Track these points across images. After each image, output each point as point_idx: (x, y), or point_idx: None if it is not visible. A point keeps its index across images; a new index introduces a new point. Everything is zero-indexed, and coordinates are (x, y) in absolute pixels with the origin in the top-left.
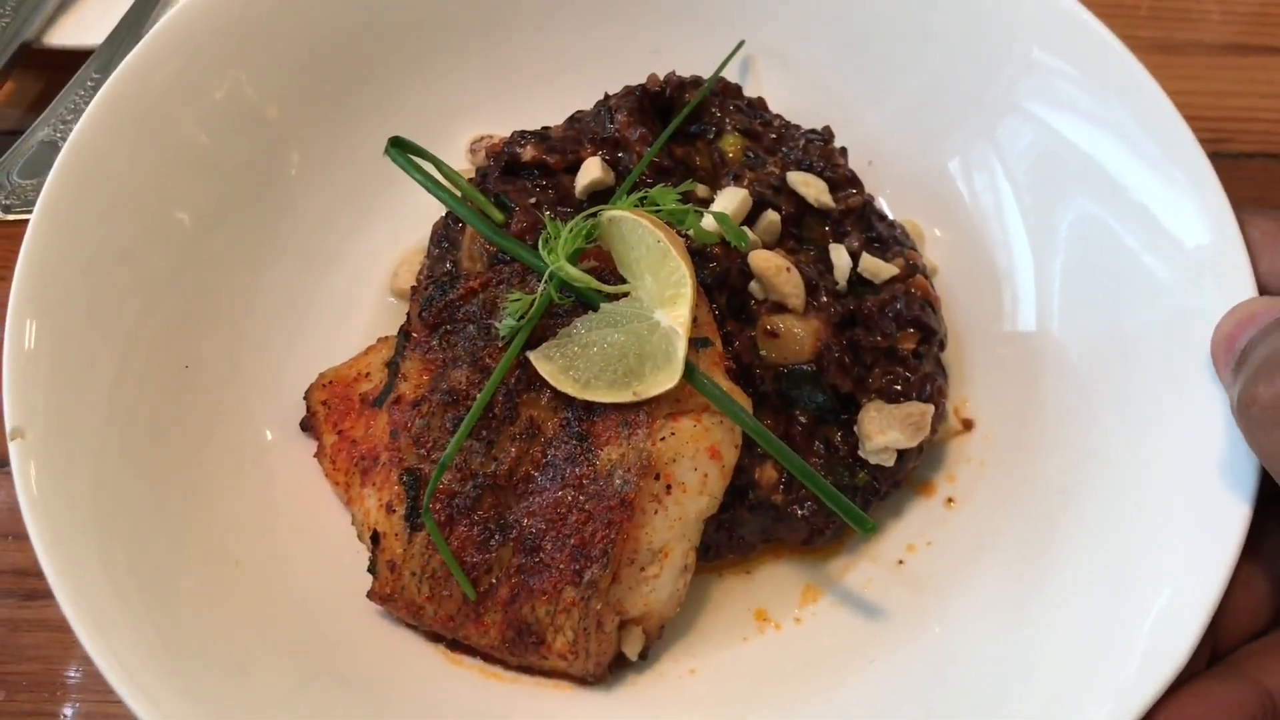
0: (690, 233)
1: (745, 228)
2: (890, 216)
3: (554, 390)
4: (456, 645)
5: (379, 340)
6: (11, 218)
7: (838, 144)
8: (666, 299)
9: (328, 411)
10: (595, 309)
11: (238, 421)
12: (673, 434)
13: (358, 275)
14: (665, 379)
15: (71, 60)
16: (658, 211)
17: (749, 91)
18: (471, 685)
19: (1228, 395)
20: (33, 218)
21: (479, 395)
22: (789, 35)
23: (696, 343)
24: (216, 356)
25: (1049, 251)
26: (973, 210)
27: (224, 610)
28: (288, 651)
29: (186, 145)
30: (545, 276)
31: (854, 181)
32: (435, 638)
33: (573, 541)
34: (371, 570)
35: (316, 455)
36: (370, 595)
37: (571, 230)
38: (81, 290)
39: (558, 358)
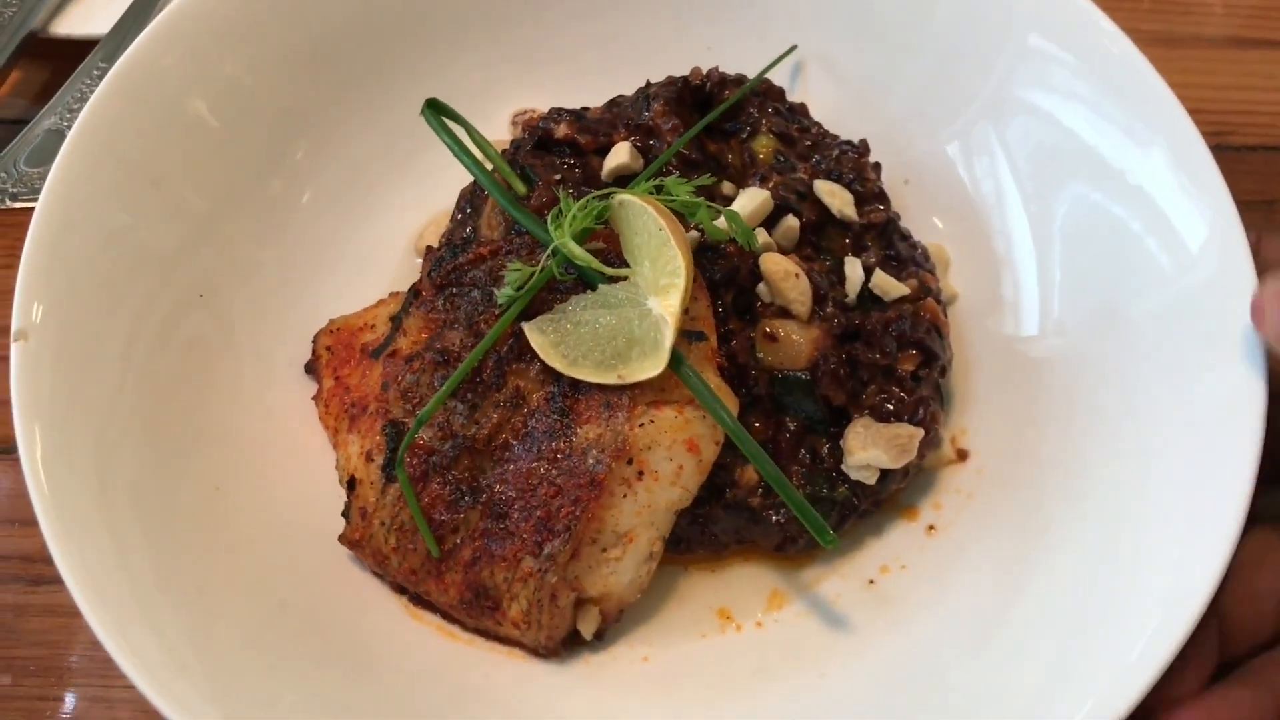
0: (701, 227)
1: (763, 229)
2: (914, 237)
3: (543, 363)
4: (419, 600)
5: (391, 295)
6: (19, 205)
7: (874, 159)
8: (661, 287)
9: (330, 357)
10: (594, 289)
11: (248, 356)
12: (652, 421)
13: (387, 230)
14: (650, 366)
15: (78, 49)
16: (671, 202)
17: (796, 96)
18: (428, 641)
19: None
20: (41, 198)
21: (472, 356)
22: (844, 45)
23: (690, 335)
24: (234, 293)
25: (1049, 239)
26: (974, 197)
27: (200, 536)
28: (256, 585)
29: (205, 106)
30: (548, 251)
31: (881, 197)
32: (400, 589)
33: (539, 513)
34: (345, 515)
35: (314, 398)
36: (341, 539)
37: (582, 209)
38: (96, 241)
39: (550, 332)
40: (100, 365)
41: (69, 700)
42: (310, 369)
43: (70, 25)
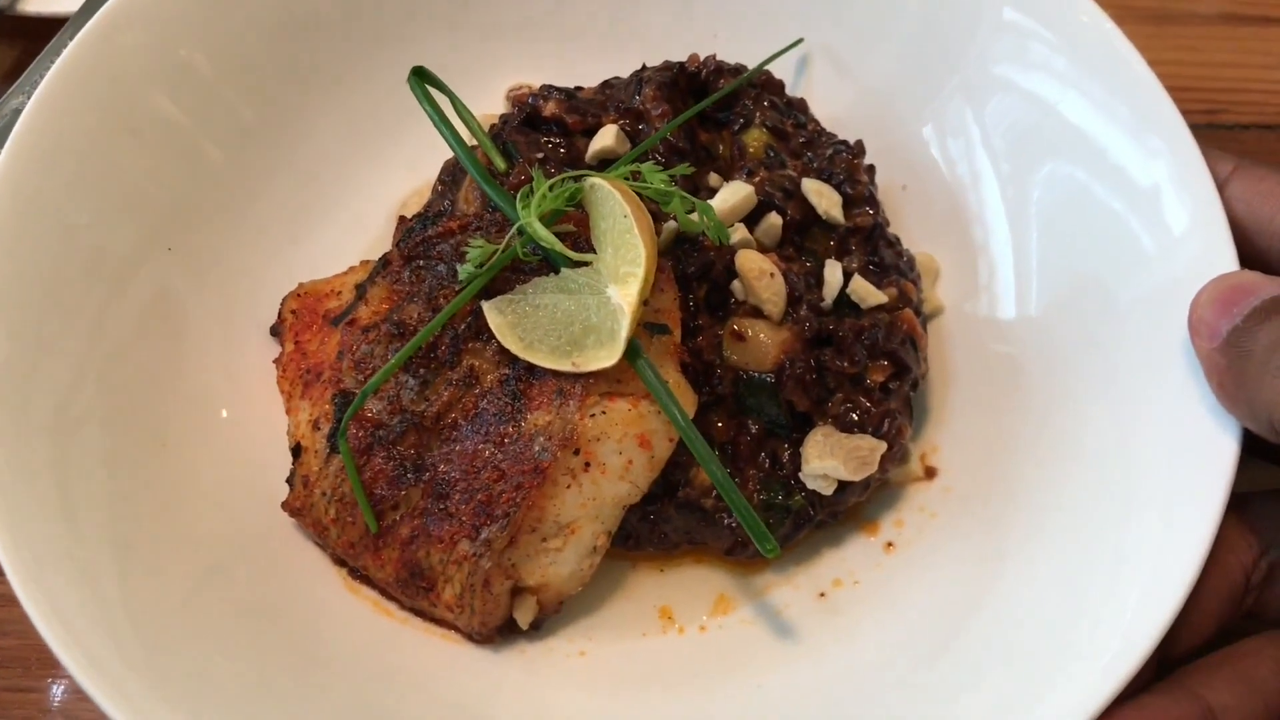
0: (675, 217)
1: (743, 225)
2: (901, 245)
3: (500, 344)
4: (357, 574)
5: (361, 263)
6: None
7: (871, 161)
8: (621, 276)
9: (294, 321)
10: (559, 272)
11: (215, 313)
12: (603, 413)
13: (371, 198)
14: (605, 356)
15: (46, 28)
16: (645, 189)
17: (800, 91)
18: (362, 616)
19: (1208, 357)
20: (21, 117)
21: (423, 332)
22: (855, 42)
23: (652, 328)
24: (206, 248)
25: (1025, 223)
26: (949, 179)
27: (142, 491)
28: (194, 546)
29: (198, 55)
30: (513, 230)
31: (871, 201)
32: (340, 562)
33: (480, 497)
34: (290, 482)
35: (275, 360)
36: (284, 506)
37: (551, 189)
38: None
39: (509, 313)
40: (59, 310)
41: (44, 691)
42: (275, 332)
43: (39, 3)
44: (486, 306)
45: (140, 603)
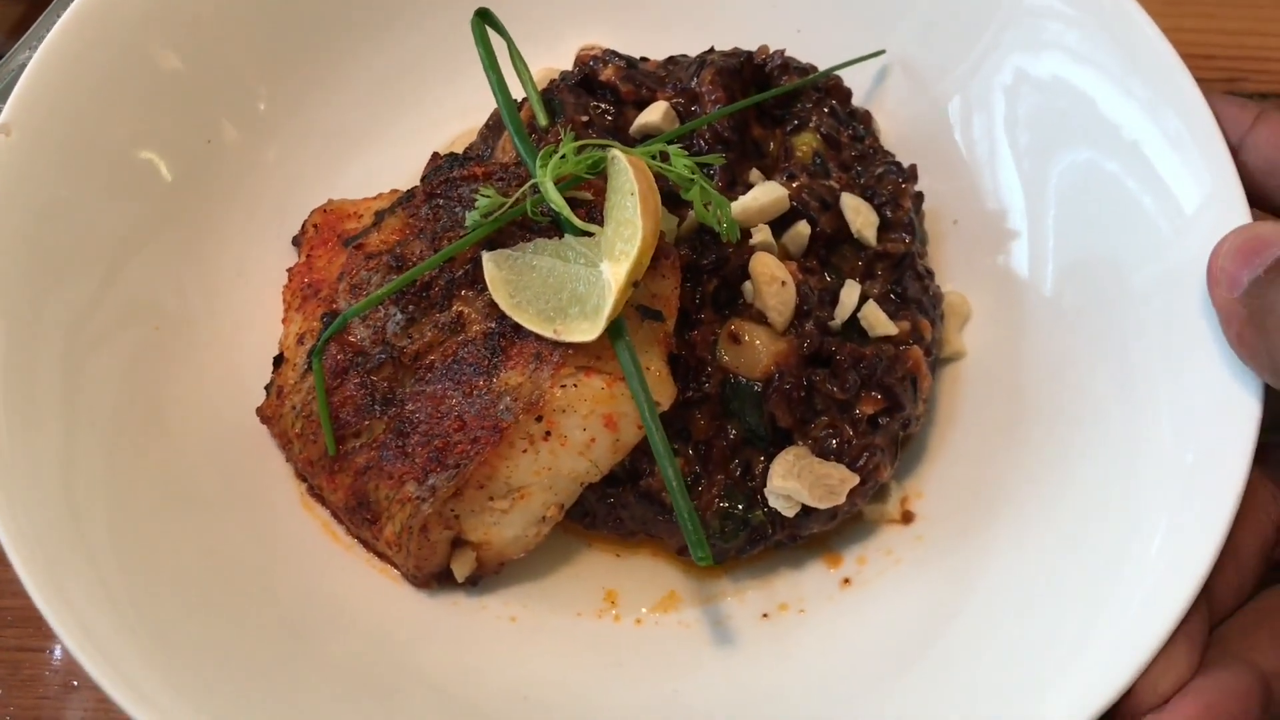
0: (693, 206)
1: (768, 228)
2: (931, 280)
3: (493, 297)
4: (314, 492)
5: (391, 191)
6: None
7: (923, 189)
8: (616, 254)
9: (314, 234)
10: (563, 237)
11: (240, 210)
12: (575, 386)
13: (420, 132)
14: (586, 330)
15: None
16: (668, 171)
17: (873, 105)
18: (309, 533)
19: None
20: None
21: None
22: (935, 64)
23: (645, 312)
24: (249, 146)
25: (1043, 203)
26: (967, 157)
27: (125, 371)
28: (165, 430)
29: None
30: (526, 186)
31: (909, 228)
32: (302, 477)
33: (437, 443)
34: (268, 389)
35: (289, 269)
36: (257, 411)
37: (574, 153)
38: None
39: (505, 267)
40: (87, 217)
41: (51, 651)
42: (296, 242)
43: None
44: (486, 257)
45: (113, 483)
